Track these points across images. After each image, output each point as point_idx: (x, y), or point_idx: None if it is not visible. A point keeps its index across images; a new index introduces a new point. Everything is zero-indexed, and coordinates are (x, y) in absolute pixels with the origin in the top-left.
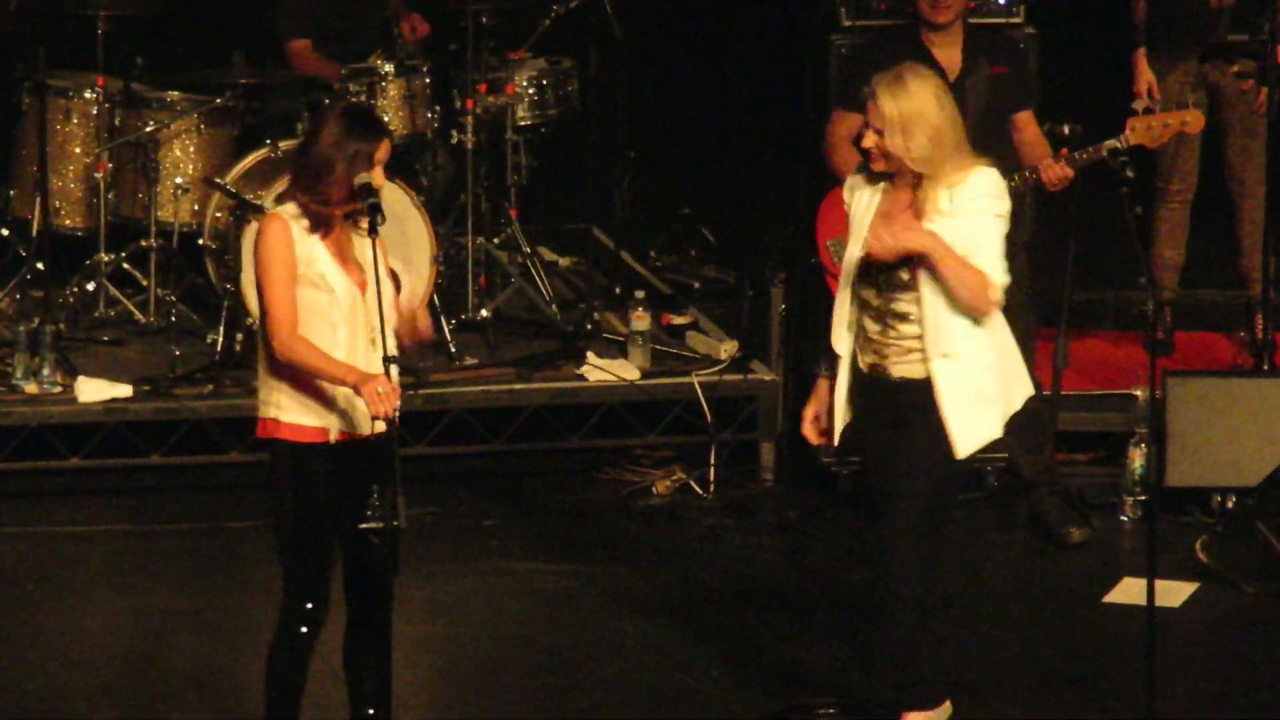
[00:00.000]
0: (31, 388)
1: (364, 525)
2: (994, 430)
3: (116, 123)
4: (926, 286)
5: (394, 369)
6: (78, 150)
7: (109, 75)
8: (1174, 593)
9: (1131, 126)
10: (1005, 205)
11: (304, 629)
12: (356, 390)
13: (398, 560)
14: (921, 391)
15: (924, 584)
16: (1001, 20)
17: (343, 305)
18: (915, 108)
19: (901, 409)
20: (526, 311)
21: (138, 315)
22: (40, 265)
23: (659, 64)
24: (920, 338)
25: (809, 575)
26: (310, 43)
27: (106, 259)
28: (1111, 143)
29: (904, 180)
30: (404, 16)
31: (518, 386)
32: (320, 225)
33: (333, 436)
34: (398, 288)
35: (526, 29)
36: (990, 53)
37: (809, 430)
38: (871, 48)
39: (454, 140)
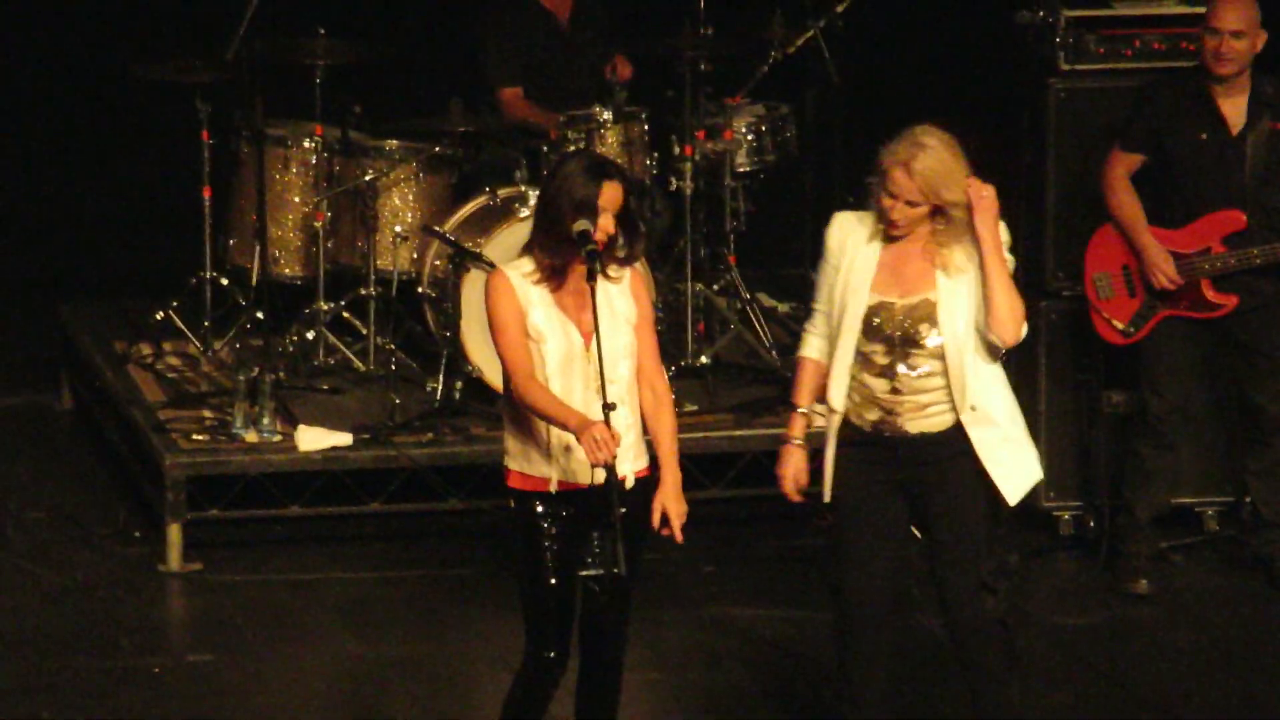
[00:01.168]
0: (251, 436)
1: (584, 573)
2: (1038, 472)
3: (335, 171)
4: (951, 341)
5: (615, 416)
6: (296, 199)
7: (327, 124)
8: None
9: None
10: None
11: (542, 677)
12: (576, 436)
13: (626, 609)
14: (947, 445)
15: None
16: None
17: (556, 357)
18: (946, 168)
19: (921, 464)
20: (745, 357)
21: (357, 363)
22: (259, 314)
23: (876, 108)
24: (940, 390)
25: (1032, 621)
26: (521, 90)
27: (325, 307)
28: None
29: (915, 235)
30: (608, 58)
31: (737, 433)
32: (552, 276)
33: (553, 486)
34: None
35: (744, 75)
36: (1274, 107)
37: (790, 489)
38: (1155, 89)
39: (672, 187)
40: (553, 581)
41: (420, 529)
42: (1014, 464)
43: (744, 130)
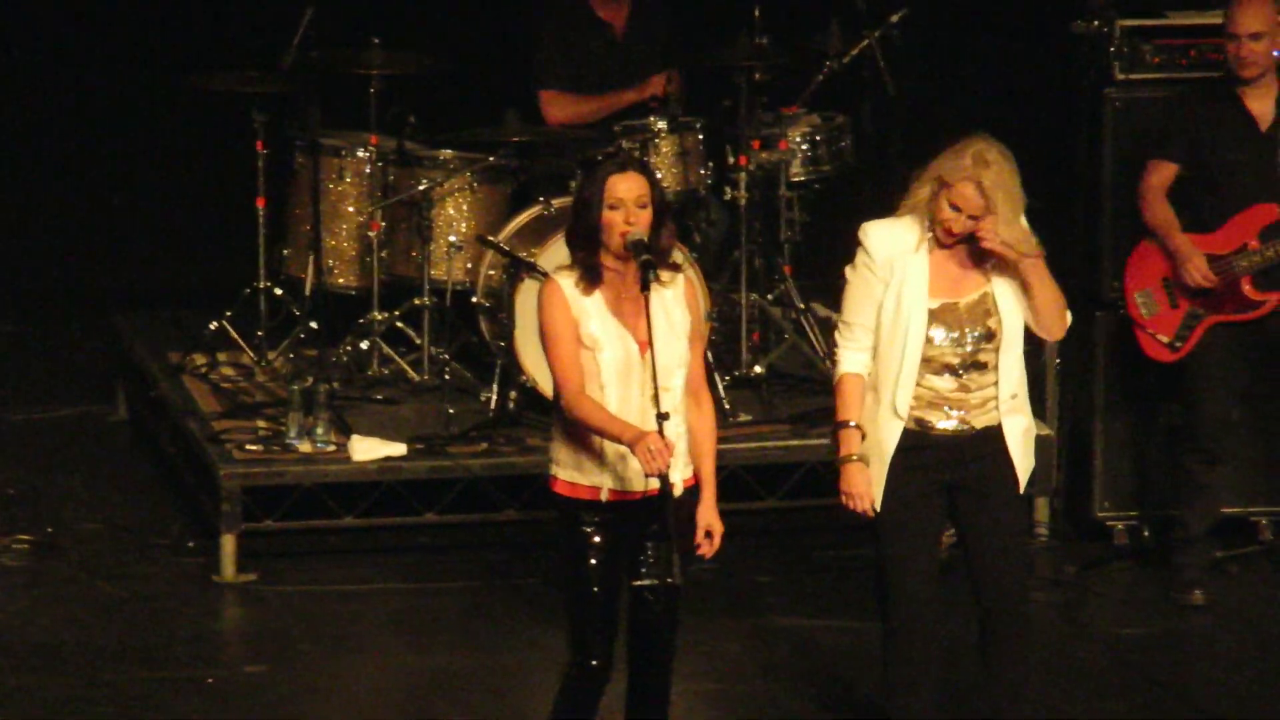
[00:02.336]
0: (306, 447)
1: (639, 583)
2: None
3: (389, 181)
4: (1009, 332)
5: (668, 425)
6: (351, 209)
7: (382, 134)
8: None
9: None
10: None
11: (586, 686)
12: (631, 448)
13: (676, 618)
14: (997, 439)
15: None
16: None
17: (613, 365)
18: (1010, 184)
19: (972, 461)
20: (801, 368)
21: (411, 374)
22: (314, 324)
23: (932, 118)
24: (994, 385)
25: (1088, 631)
26: (560, 94)
27: (380, 317)
28: None
29: (944, 237)
30: (663, 71)
31: (793, 443)
32: (589, 277)
33: (604, 495)
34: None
35: (799, 84)
36: None
37: (865, 506)
38: (1186, 99)
39: (727, 196)
40: (596, 590)
41: (475, 539)
42: (1029, 455)
43: (799, 140)
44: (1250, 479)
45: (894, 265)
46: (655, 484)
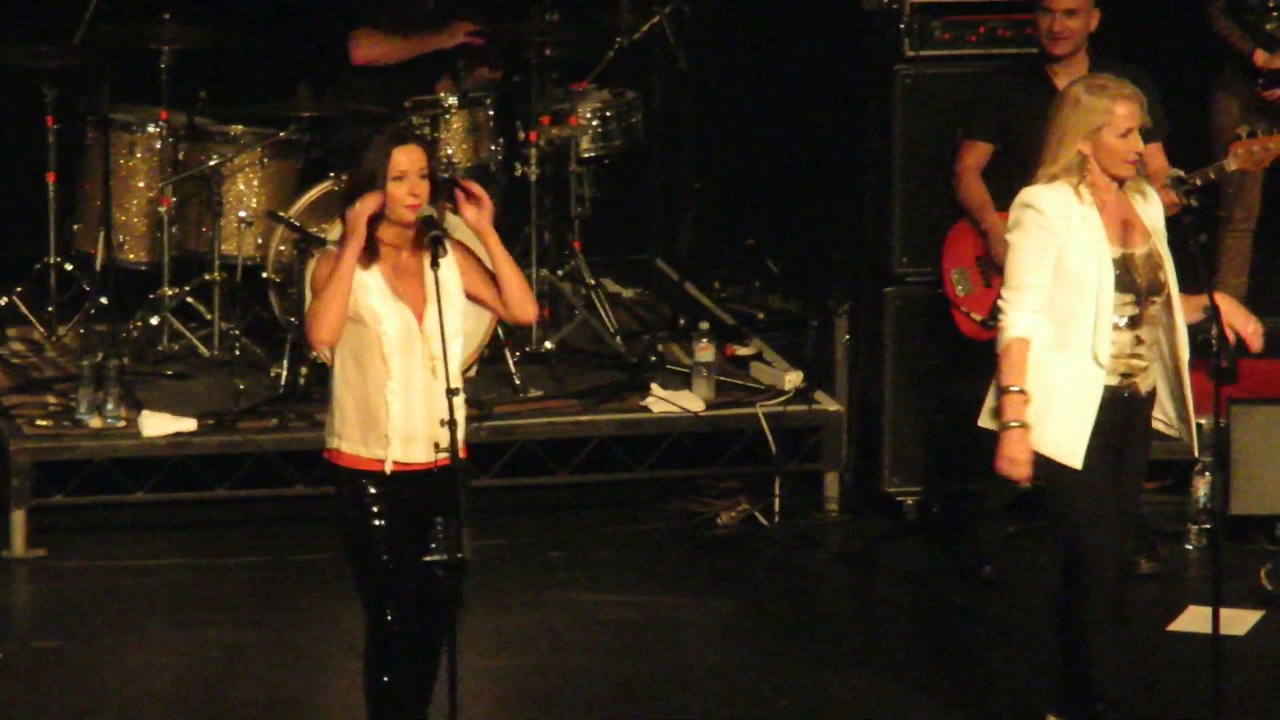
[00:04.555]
0: (96, 422)
1: (428, 558)
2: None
3: (180, 157)
4: (1174, 284)
5: (458, 401)
6: (141, 184)
7: (172, 109)
8: (1239, 621)
9: (1234, 151)
10: None
11: (390, 643)
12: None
13: (462, 593)
14: (1151, 402)
15: None
16: None
17: (394, 338)
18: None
19: (1133, 424)
20: (591, 343)
21: (202, 349)
22: (104, 300)
23: (723, 94)
24: (1157, 345)
25: (875, 605)
26: (369, 31)
27: (170, 293)
28: (1218, 166)
29: (1109, 183)
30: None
31: (583, 418)
32: (369, 250)
33: (388, 467)
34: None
35: (590, 60)
36: None
37: (1025, 474)
38: (997, 77)
39: (518, 172)
40: (384, 554)
41: (266, 514)
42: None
43: (589, 116)
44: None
45: (1069, 219)
46: (440, 455)
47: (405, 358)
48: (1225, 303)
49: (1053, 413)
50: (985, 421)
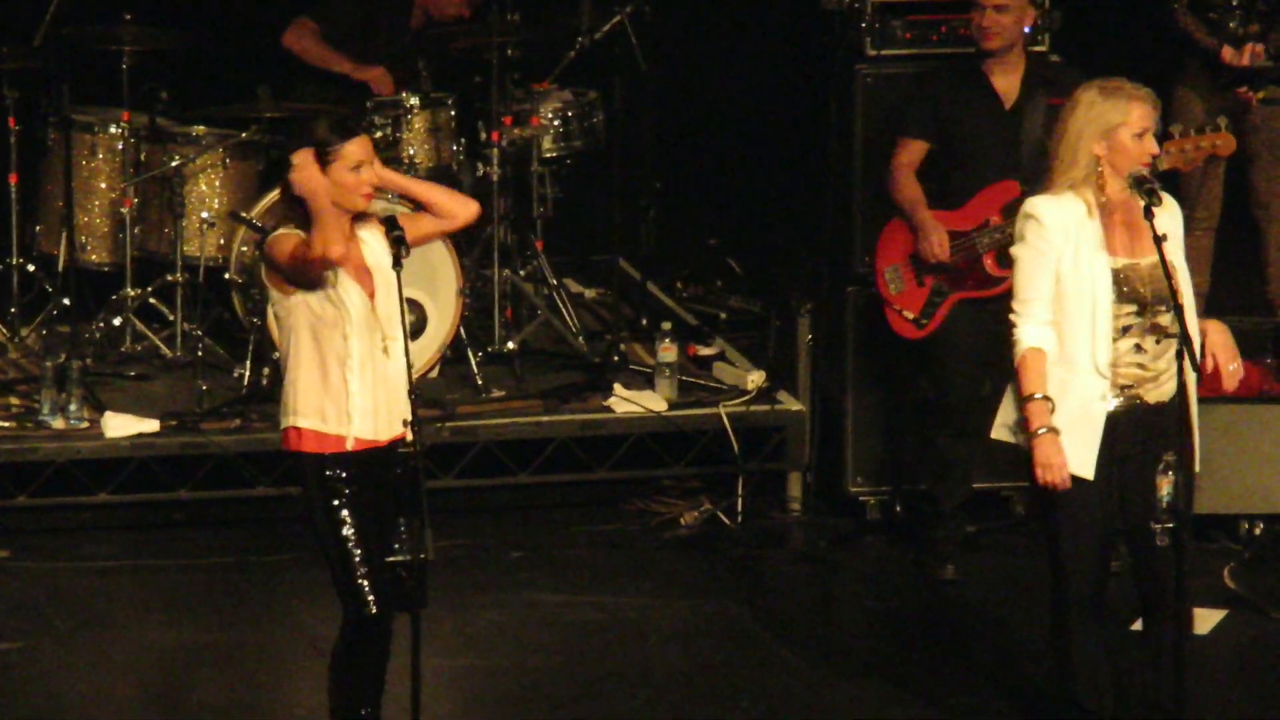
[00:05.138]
0: (58, 423)
1: (391, 558)
2: None
3: (142, 158)
4: (1187, 293)
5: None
6: (103, 185)
7: (134, 110)
8: (1203, 620)
9: (1165, 150)
10: None
11: (367, 636)
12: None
13: (425, 593)
14: (1172, 414)
15: None
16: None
17: (357, 318)
18: None
19: (1151, 436)
20: (553, 344)
21: (164, 350)
22: (66, 301)
23: (684, 95)
24: (1170, 356)
25: (838, 605)
26: (313, 25)
27: (133, 294)
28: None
29: (1121, 187)
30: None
31: (545, 419)
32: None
33: (350, 445)
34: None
35: (551, 61)
36: (1051, 84)
37: (1063, 478)
38: (933, 76)
39: (479, 173)
40: (358, 540)
41: (229, 516)
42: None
43: (551, 116)
44: (1001, 454)
45: (1068, 230)
46: (400, 430)
47: (365, 337)
48: (1217, 333)
49: (1059, 425)
50: (1000, 435)
